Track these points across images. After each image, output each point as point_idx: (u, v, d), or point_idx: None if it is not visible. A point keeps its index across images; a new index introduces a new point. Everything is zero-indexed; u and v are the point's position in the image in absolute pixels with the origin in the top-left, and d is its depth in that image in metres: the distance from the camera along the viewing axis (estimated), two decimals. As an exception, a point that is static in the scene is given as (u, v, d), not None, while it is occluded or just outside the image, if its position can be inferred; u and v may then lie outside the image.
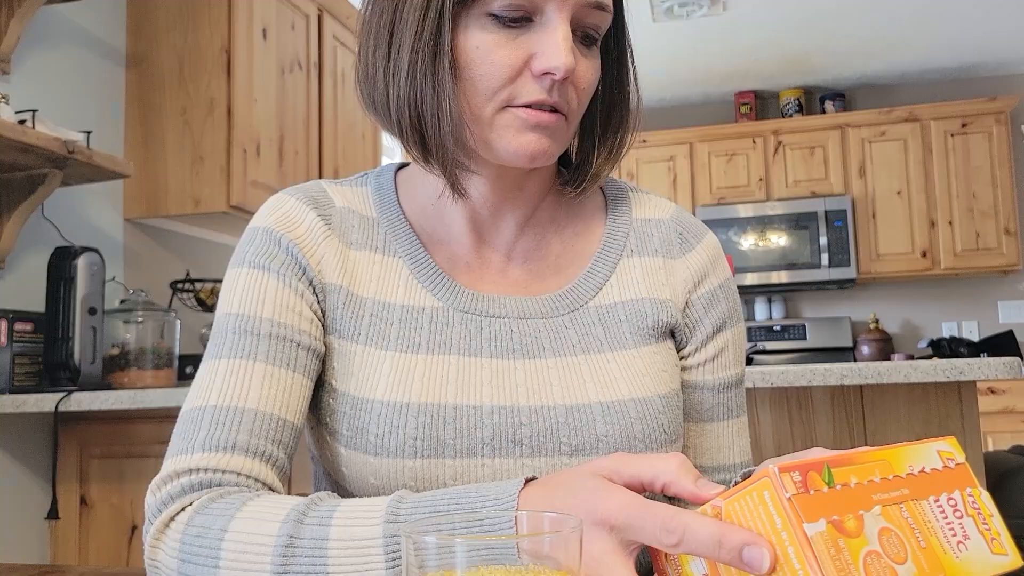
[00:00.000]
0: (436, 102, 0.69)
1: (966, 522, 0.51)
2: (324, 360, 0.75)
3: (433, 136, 0.70)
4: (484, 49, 0.68)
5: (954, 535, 0.49)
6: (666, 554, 0.51)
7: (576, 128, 0.75)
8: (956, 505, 0.51)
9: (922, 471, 0.51)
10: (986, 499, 0.53)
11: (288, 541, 0.57)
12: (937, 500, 0.51)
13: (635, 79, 0.79)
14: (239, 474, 0.66)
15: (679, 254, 0.82)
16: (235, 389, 0.69)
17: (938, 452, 0.53)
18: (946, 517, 0.50)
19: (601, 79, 0.77)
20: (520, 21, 0.68)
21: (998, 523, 0.52)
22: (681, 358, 0.81)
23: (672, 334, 0.80)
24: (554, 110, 0.69)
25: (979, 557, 0.49)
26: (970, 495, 0.52)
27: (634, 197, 0.86)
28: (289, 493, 0.67)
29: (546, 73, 0.67)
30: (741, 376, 0.84)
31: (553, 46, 0.67)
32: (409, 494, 0.59)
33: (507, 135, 0.69)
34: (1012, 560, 0.50)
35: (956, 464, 0.53)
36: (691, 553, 0.48)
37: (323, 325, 0.75)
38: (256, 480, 0.66)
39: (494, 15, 0.68)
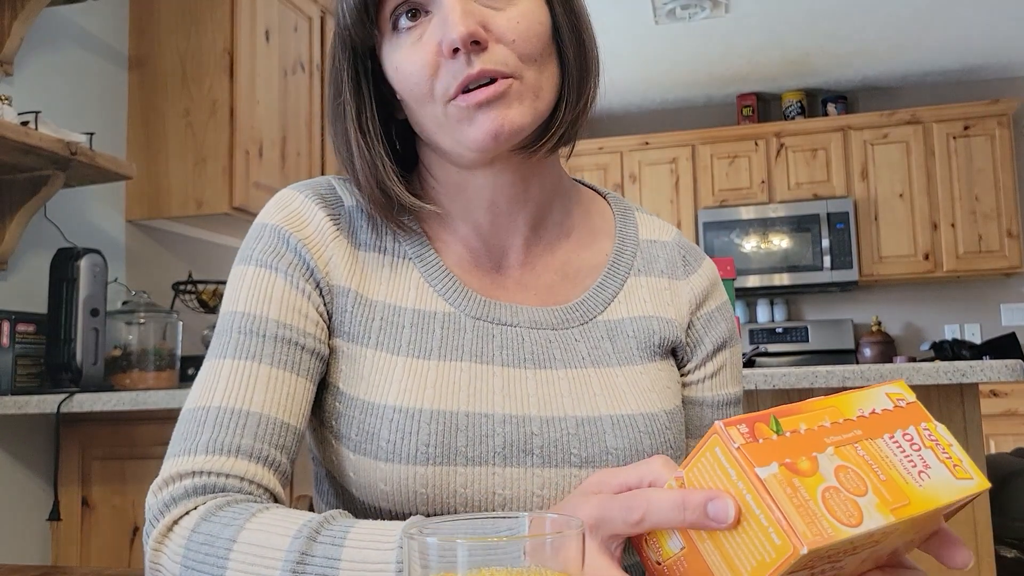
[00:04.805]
0: (363, 159, 0.73)
1: (925, 453, 0.49)
2: (328, 363, 0.74)
3: (367, 189, 0.74)
4: (401, 64, 0.70)
5: (914, 466, 0.48)
6: (646, 540, 0.51)
7: (549, 85, 0.71)
8: (913, 439, 0.50)
9: (873, 412, 0.51)
10: (943, 431, 0.52)
11: (299, 557, 0.57)
12: (892, 436, 0.50)
13: (583, 15, 0.75)
14: (242, 479, 0.65)
15: (683, 276, 0.83)
16: (239, 391, 0.68)
17: (887, 394, 0.52)
18: (904, 451, 0.49)
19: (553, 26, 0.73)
20: (418, 16, 0.69)
21: (959, 451, 0.51)
22: (682, 375, 0.82)
23: (674, 352, 0.81)
24: (492, 80, 0.67)
25: (943, 483, 0.48)
26: (926, 429, 0.51)
27: (640, 218, 0.87)
28: (291, 495, 0.67)
29: (455, 51, 0.67)
30: (739, 396, 0.85)
31: (444, 21, 0.67)
32: (423, 520, 0.59)
33: (462, 128, 0.69)
34: (978, 483, 0.49)
35: (907, 403, 0.52)
36: (660, 526, 0.48)
37: (328, 328, 0.74)
38: (259, 485, 0.66)
39: (397, 28, 0.70)
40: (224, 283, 2.57)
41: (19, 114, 1.91)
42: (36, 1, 2.05)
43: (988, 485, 0.50)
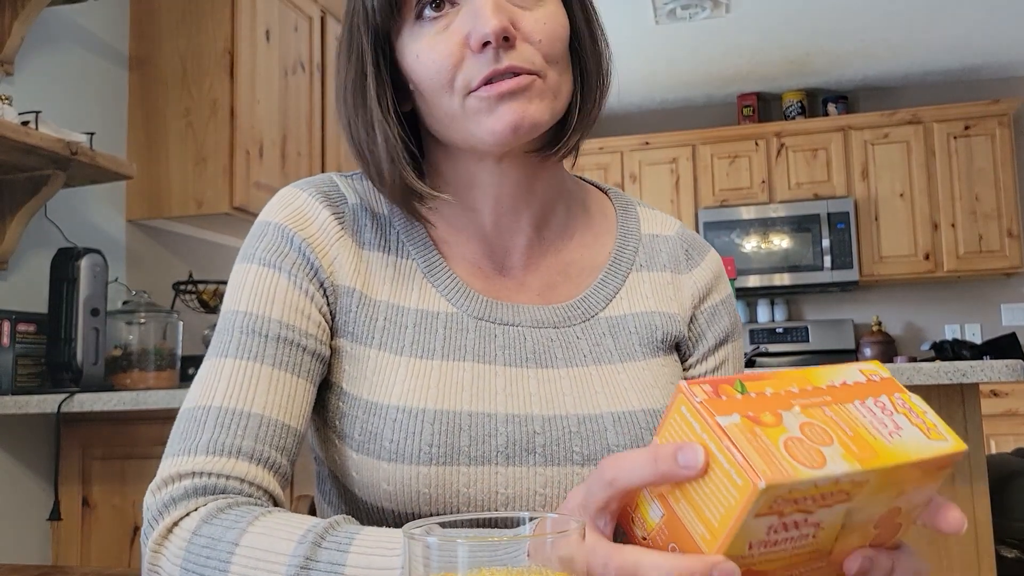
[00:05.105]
0: (387, 141, 0.72)
1: (897, 418, 0.49)
2: (331, 363, 0.74)
3: (388, 174, 0.73)
4: (423, 53, 0.70)
5: (884, 427, 0.47)
6: (632, 520, 0.51)
7: (566, 88, 0.72)
8: (884, 406, 0.49)
9: (844, 384, 0.50)
10: (917, 400, 0.51)
11: (303, 562, 0.56)
12: (863, 403, 0.49)
13: (599, 24, 0.76)
14: (243, 480, 0.65)
15: (686, 270, 0.83)
16: (241, 392, 0.67)
17: (860, 370, 0.52)
18: (874, 414, 0.48)
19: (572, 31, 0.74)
20: (443, 6, 0.69)
21: (933, 417, 0.50)
22: (684, 369, 0.82)
23: (677, 347, 0.81)
24: (516, 74, 0.68)
25: (915, 442, 0.47)
26: (899, 398, 0.50)
27: (642, 212, 0.86)
28: (291, 495, 0.66)
29: (484, 45, 0.67)
30: None
31: (476, 15, 0.67)
32: (425, 521, 0.59)
33: (480, 119, 0.69)
34: (954, 444, 0.48)
35: (881, 378, 0.52)
36: (635, 483, 0.48)
37: (331, 328, 0.74)
38: (259, 487, 0.65)
39: (421, 17, 0.70)
40: (225, 283, 2.57)
41: (20, 114, 1.91)
42: (37, 1, 2.05)
43: (964, 447, 0.48)
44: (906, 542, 0.53)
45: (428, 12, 0.69)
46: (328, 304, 0.74)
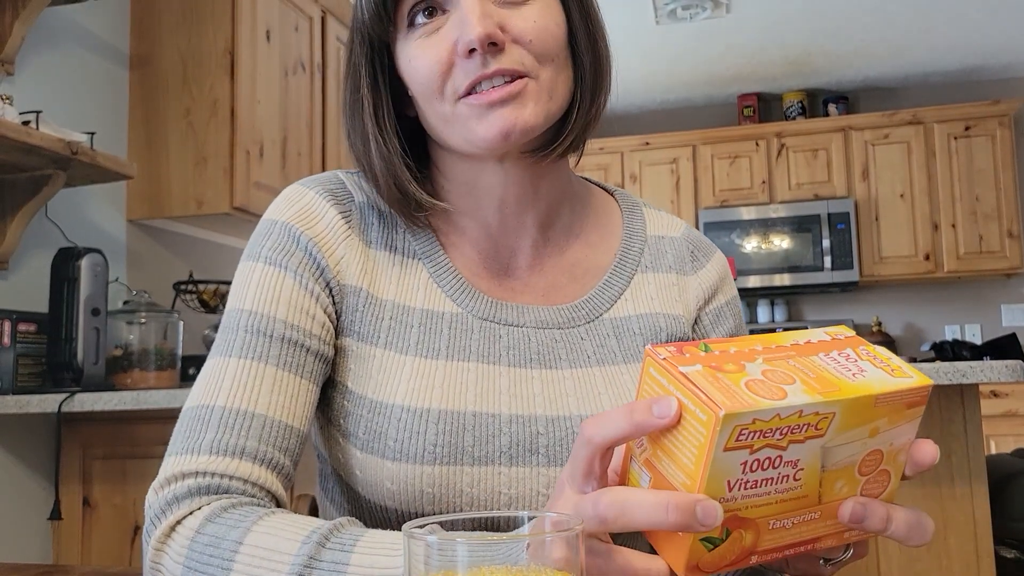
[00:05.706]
0: (381, 154, 0.73)
1: (862, 364, 0.49)
2: (337, 361, 0.74)
3: (384, 185, 0.74)
4: (415, 58, 0.71)
5: (848, 370, 0.48)
6: None
7: (563, 87, 0.72)
8: (849, 355, 0.50)
9: (808, 342, 0.51)
10: (882, 350, 0.52)
11: (307, 561, 0.56)
12: (828, 354, 0.50)
13: (598, 21, 0.77)
14: (245, 480, 0.65)
15: (691, 271, 0.84)
16: (245, 392, 0.68)
17: (825, 331, 0.53)
18: (839, 363, 0.49)
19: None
20: (435, 14, 0.70)
21: (898, 361, 0.51)
22: None
23: None
24: (508, 80, 0.68)
25: (878, 378, 0.48)
26: (864, 349, 0.51)
27: (648, 214, 0.87)
28: (292, 494, 0.66)
29: (471, 51, 0.67)
30: None
31: (462, 22, 0.67)
32: (425, 519, 0.59)
33: (471, 126, 0.69)
34: (918, 379, 0.49)
35: (846, 336, 0.53)
36: (612, 437, 0.48)
37: (336, 327, 0.74)
38: (261, 488, 0.65)
39: (414, 24, 0.71)
40: (225, 283, 2.58)
41: (20, 113, 1.91)
42: (37, 1, 2.05)
43: (930, 381, 0.49)
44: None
45: (420, 19, 0.70)
46: (334, 304, 0.74)
